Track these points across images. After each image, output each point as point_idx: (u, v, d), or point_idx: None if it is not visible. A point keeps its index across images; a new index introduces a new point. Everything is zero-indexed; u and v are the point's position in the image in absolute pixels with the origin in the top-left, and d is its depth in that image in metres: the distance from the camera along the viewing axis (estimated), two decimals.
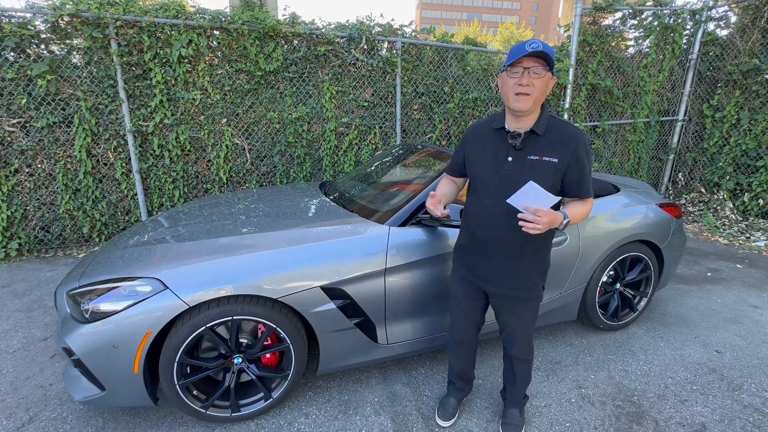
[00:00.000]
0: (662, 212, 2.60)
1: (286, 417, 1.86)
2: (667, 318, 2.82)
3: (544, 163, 1.36)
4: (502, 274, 1.51)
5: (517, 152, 1.39)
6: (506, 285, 1.52)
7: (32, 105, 3.45)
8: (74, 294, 1.67)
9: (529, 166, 1.37)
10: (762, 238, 4.45)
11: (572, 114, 5.05)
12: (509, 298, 1.54)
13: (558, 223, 1.31)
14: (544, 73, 1.30)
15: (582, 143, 1.36)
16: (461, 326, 1.69)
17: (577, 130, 1.38)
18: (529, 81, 1.30)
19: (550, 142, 1.37)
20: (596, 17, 4.97)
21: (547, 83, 1.33)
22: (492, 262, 1.51)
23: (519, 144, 1.38)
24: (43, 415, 1.84)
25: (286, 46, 4.00)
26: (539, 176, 1.35)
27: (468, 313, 1.66)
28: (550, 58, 1.27)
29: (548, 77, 1.32)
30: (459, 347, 1.75)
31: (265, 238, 1.85)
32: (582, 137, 1.37)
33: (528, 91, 1.31)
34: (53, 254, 3.78)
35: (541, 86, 1.31)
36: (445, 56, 4.57)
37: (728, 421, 1.88)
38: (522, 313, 1.56)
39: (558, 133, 1.38)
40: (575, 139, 1.36)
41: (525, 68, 1.30)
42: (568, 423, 1.85)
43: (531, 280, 1.51)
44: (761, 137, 4.70)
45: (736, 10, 4.98)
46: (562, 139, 1.37)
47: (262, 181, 4.33)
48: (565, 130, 1.38)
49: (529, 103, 1.32)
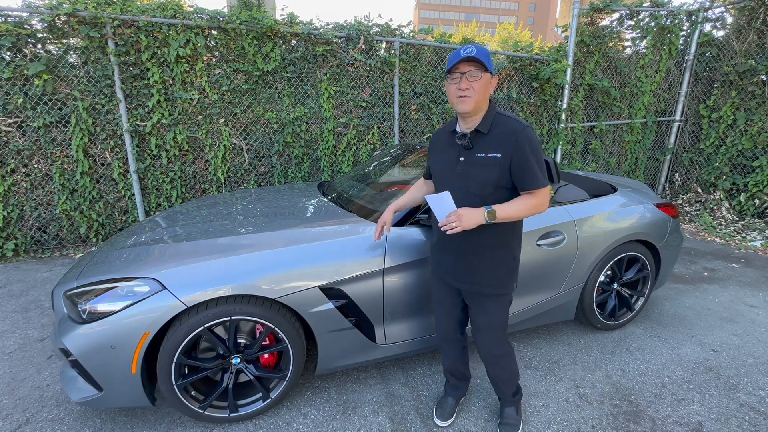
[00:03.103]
0: (659, 212, 2.61)
1: (284, 417, 1.86)
2: (664, 317, 2.84)
3: (490, 159, 1.41)
4: (464, 270, 1.55)
5: (467, 151, 1.45)
6: (469, 281, 1.55)
7: (29, 105, 3.44)
8: (71, 294, 1.66)
9: (478, 164, 1.43)
10: (758, 238, 4.47)
11: (570, 114, 5.07)
12: (474, 293, 1.57)
13: (480, 215, 1.36)
14: (481, 75, 1.36)
15: (524, 135, 1.37)
16: (443, 323, 1.74)
17: (519, 123, 1.40)
18: (467, 84, 1.36)
19: (494, 138, 1.42)
20: (593, 18, 4.99)
21: (486, 84, 1.39)
22: (453, 257, 1.56)
23: (467, 143, 1.44)
24: (40, 416, 1.83)
25: (284, 46, 4.00)
26: (486, 173, 1.41)
27: (448, 310, 1.70)
28: (485, 61, 1.34)
29: (486, 78, 1.38)
30: (445, 344, 1.78)
31: (263, 238, 1.85)
32: (523, 130, 1.38)
33: (467, 93, 1.37)
34: (50, 255, 3.76)
35: (480, 88, 1.37)
36: (443, 56, 4.57)
37: (725, 419, 1.89)
38: (489, 309, 1.57)
39: (501, 128, 1.42)
40: (515, 132, 1.38)
41: (462, 73, 1.37)
42: (565, 422, 1.85)
43: (495, 276, 1.53)
44: (757, 137, 4.72)
45: (732, 11, 5.01)
46: (504, 133, 1.40)
47: (260, 181, 4.33)
48: (507, 125, 1.41)
49: (471, 105, 1.38)
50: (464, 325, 1.75)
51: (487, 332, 1.61)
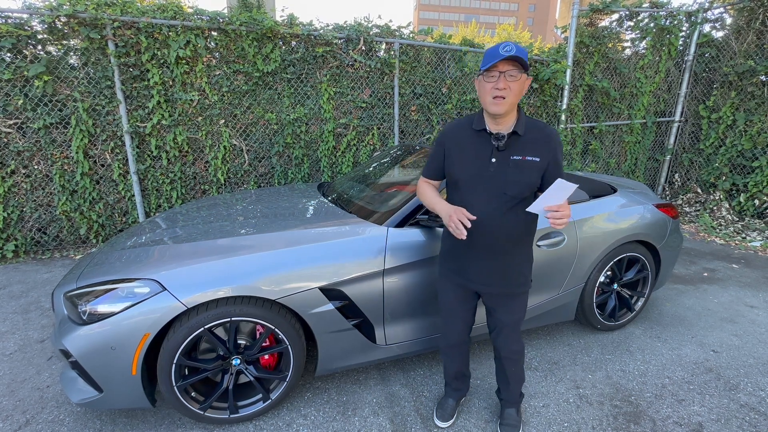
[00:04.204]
0: (659, 213, 2.62)
1: (284, 418, 1.86)
2: (664, 318, 2.84)
3: (528, 162, 1.41)
4: (496, 273, 1.53)
5: (500, 153, 1.43)
6: (500, 283, 1.54)
7: (29, 106, 3.44)
8: (72, 296, 1.66)
9: (514, 166, 1.41)
10: (758, 239, 4.48)
11: (570, 115, 5.07)
12: (503, 295, 1.57)
13: None
14: (520, 76, 1.34)
15: (558, 142, 1.44)
16: (456, 330, 1.70)
17: (553, 130, 1.44)
18: (505, 84, 1.33)
19: (530, 141, 1.41)
20: (593, 19, 5.00)
21: (522, 85, 1.37)
22: (484, 262, 1.53)
23: (502, 145, 1.42)
24: (39, 418, 1.83)
25: (284, 47, 4.00)
26: (526, 175, 1.41)
27: (462, 316, 1.68)
28: (524, 61, 1.30)
29: (524, 79, 1.36)
30: (453, 350, 1.76)
31: (264, 239, 1.85)
32: (557, 136, 1.44)
33: (504, 94, 1.34)
34: (50, 256, 3.76)
35: (517, 88, 1.35)
36: (442, 57, 4.58)
37: (725, 420, 1.89)
38: (514, 307, 1.60)
39: (536, 133, 1.43)
40: (552, 138, 1.43)
41: (501, 72, 1.33)
42: (566, 423, 1.85)
43: (522, 274, 1.56)
44: (757, 138, 4.73)
45: (731, 12, 5.02)
46: (540, 138, 1.42)
47: (260, 182, 4.33)
48: (543, 130, 1.44)
49: (506, 106, 1.36)
50: (472, 326, 1.76)
51: (511, 330, 1.63)
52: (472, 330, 1.77)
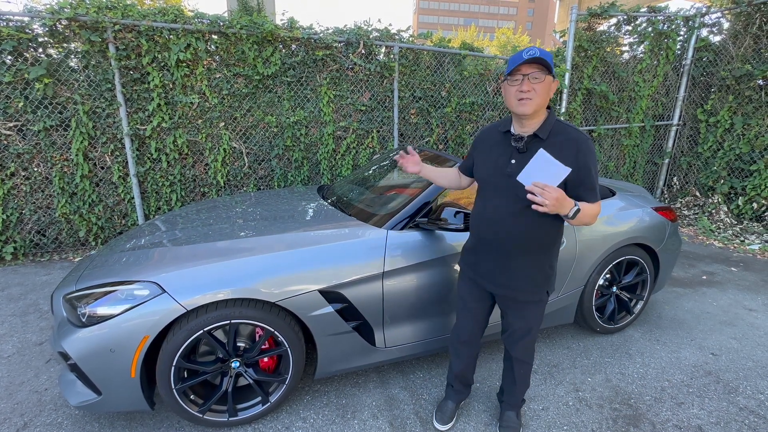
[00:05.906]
0: (657, 216, 2.62)
1: (283, 421, 1.85)
2: (663, 321, 2.84)
3: None
4: (503, 274, 1.52)
5: (521, 155, 1.41)
6: (506, 286, 1.54)
7: (29, 108, 3.44)
8: (71, 298, 1.66)
9: None
10: (756, 242, 4.49)
11: (568, 118, 5.10)
12: (510, 299, 1.56)
13: (567, 208, 1.29)
14: (544, 77, 1.33)
15: (587, 146, 1.36)
16: (467, 326, 1.71)
17: (581, 133, 1.38)
18: (529, 87, 1.33)
19: (552, 145, 1.37)
20: (591, 23, 5.03)
21: (548, 86, 1.35)
22: (494, 262, 1.53)
23: (522, 147, 1.40)
24: (38, 421, 1.83)
25: (284, 51, 4.01)
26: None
27: (475, 314, 1.68)
28: (547, 63, 1.30)
29: (549, 81, 1.35)
30: (462, 347, 1.76)
31: (263, 242, 1.85)
32: (584, 140, 1.37)
33: (529, 96, 1.33)
34: (49, 258, 3.76)
35: (542, 90, 1.34)
36: (442, 61, 4.60)
37: (724, 423, 1.88)
38: (526, 315, 1.58)
39: (561, 137, 1.38)
40: (578, 142, 1.36)
41: (524, 75, 1.33)
42: (565, 426, 1.85)
43: (532, 282, 1.52)
44: (754, 141, 4.75)
45: (728, 17, 5.05)
46: (564, 141, 1.37)
47: (260, 184, 4.33)
48: (568, 133, 1.38)
49: (532, 107, 1.34)
50: (484, 329, 1.74)
51: (523, 337, 1.61)
52: (483, 333, 1.75)
